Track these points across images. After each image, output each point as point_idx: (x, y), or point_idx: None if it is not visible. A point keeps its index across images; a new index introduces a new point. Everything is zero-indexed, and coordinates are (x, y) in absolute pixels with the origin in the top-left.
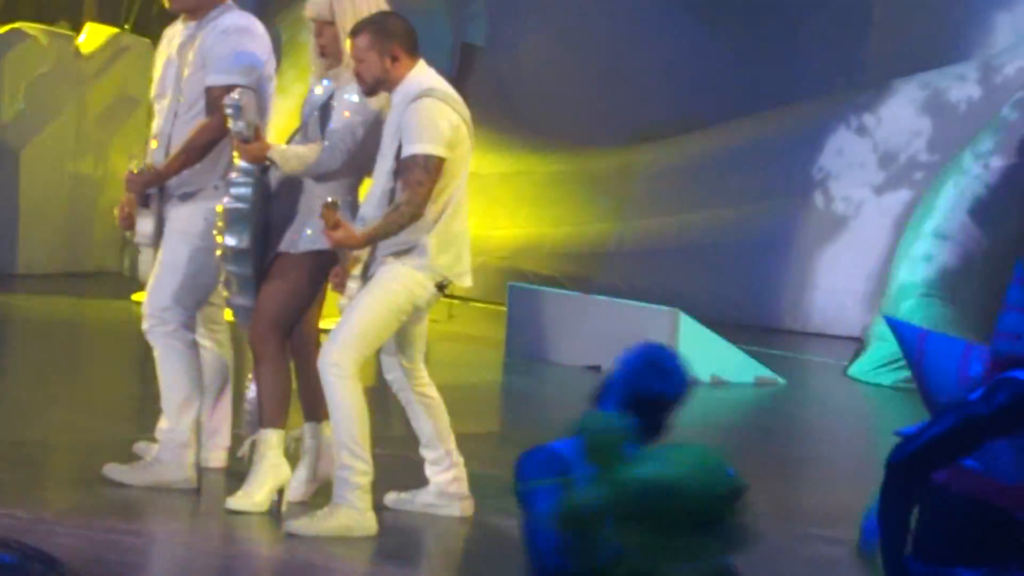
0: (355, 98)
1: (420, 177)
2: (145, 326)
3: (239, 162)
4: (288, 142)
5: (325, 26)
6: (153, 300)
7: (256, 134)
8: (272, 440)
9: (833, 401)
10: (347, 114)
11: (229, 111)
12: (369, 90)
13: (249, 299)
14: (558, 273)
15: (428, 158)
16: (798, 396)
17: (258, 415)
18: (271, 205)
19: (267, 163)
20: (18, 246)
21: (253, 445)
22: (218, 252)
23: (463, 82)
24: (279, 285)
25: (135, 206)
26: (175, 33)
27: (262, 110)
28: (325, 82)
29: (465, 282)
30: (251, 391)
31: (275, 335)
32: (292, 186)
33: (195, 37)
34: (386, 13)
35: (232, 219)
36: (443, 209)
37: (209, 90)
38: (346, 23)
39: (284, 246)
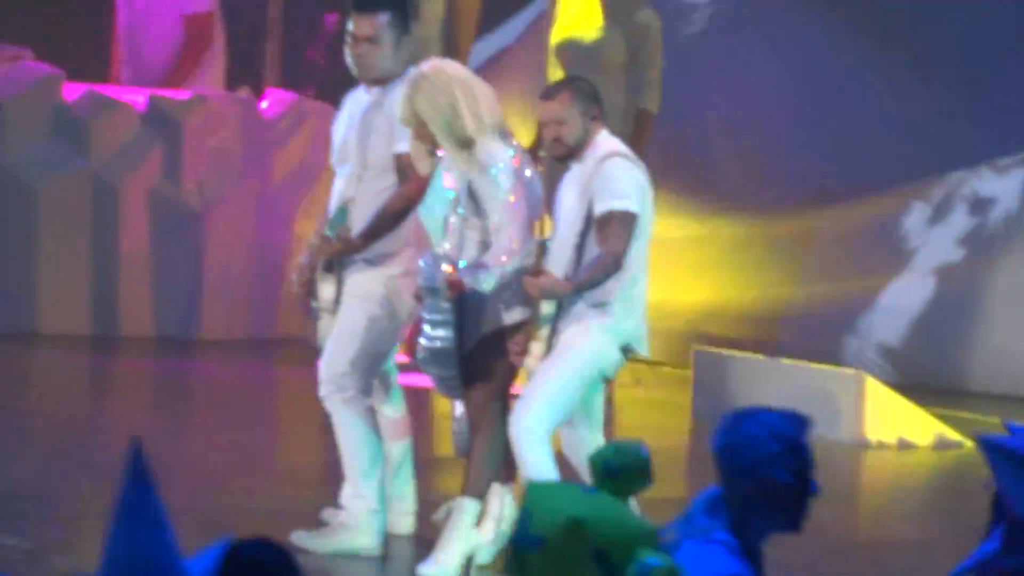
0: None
1: (618, 231)
2: (322, 392)
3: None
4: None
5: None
6: (330, 366)
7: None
8: (471, 509)
9: None
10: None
11: (425, 293)
12: (567, 154)
13: (451, 369)
14: (743, 336)
15: (625, 214)
16: (982, 459)
17: (463, 482)
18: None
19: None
20: (201, 312)
21: (449, 511)
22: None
23: (638, 147)
24: (490, 360)
25: (316, 271)
26: (358, 98)
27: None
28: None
29: (643, 350)
30: (458, 409)
31: (494, 407)
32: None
33: (381, 104)
34: (575, 77)
35: (438, 357)
36: (629, 274)
37: (399, 157)
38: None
39: (491, 326)
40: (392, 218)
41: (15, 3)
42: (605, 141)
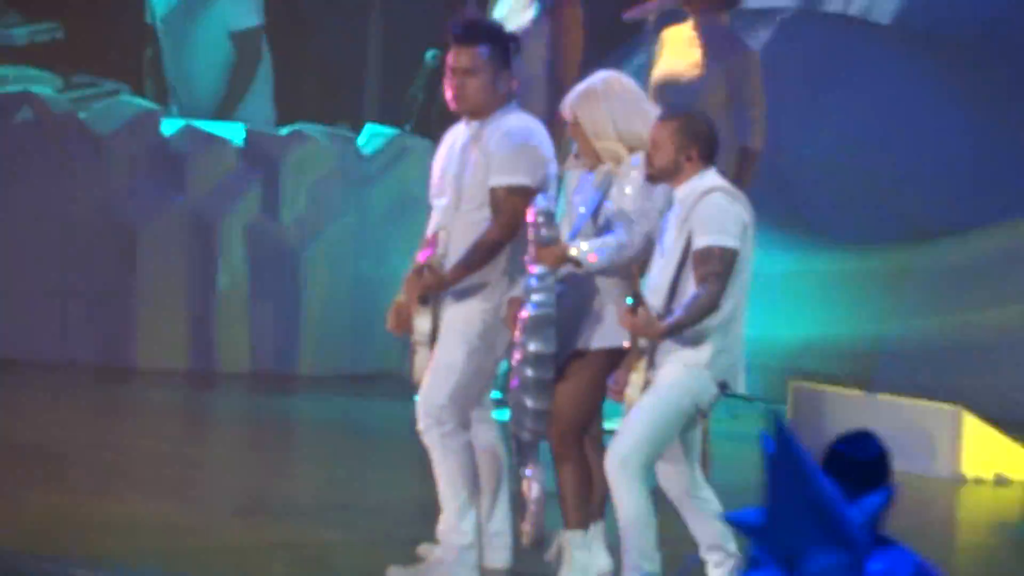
0: (643, 184)
1: (716, 268)
2: (421, 426)
3: (538, 268)
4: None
5: (573, 126)
6: (429, 400)
7: (556, 238)
8: (578, 541)
9: None
10: (639, 200)
11: (540, 217)
12: (653, 175)
13: (546, 402)
14: (839, 372)
15: (724, 250)
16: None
17: (563, 516)
18: (557, 306)
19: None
20: (299, 348)
21: (560, 548)
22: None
23: (741, 183)
24: (576, 385)
25: (413, 306)
26: (457, 134)
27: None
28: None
29: (739, 387)
30: (534, 491)
31: (576, 435)
32: (577, 283)
33: (479, 136)
34: (698, 114)
35: (537, 325)
36: (727, 309)
37: (494, 191)
38: (584, 121)
39: (580, 343)
40: (486, 251)
41: (114, 39)
42: (708, 177)
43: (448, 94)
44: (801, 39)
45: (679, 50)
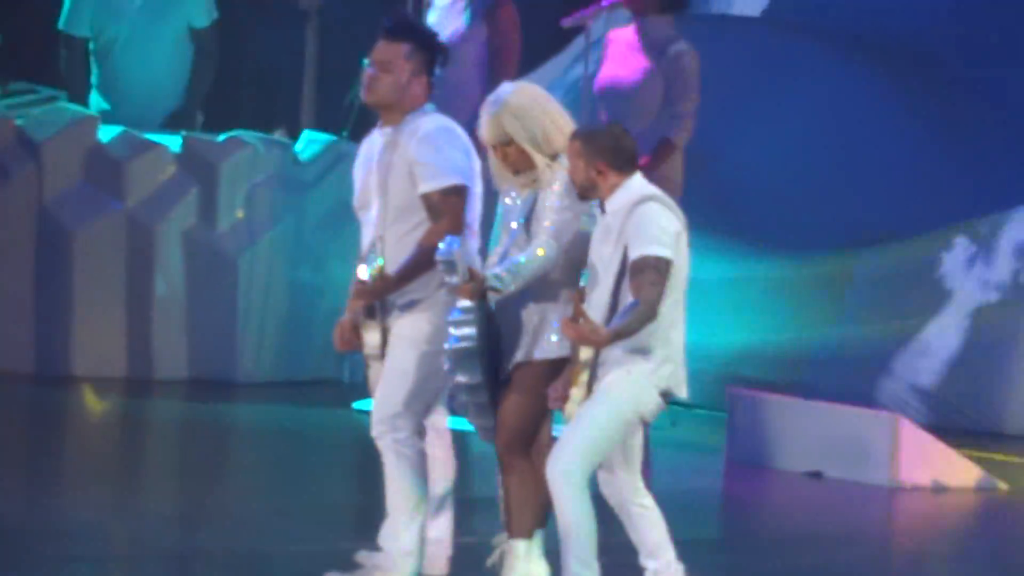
0: (563, 191)
1: (653, 277)
2: (375, 433)
3: (461, 302)
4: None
5: (504, 148)
6: (383, 408)
7: (471, 274)
8: (522, 550)
9: None
10: (560, 211)
11: (442, 266)
12: (580, 193)
13: (488, 421)
14: (778, 378)
15: (658, 259)
16: (1021, 502)
17: (508, 524)
18: (495, 320)
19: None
20: (238, 355)
21: (502, 554)
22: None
23: (652, 173)
24: (520, 396)
25: (360, 321)
26: (373, 143)
27: (471, 207)
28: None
29: (682, 393)
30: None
31: (521, 445)
32: (514, 299)
33: (395, 142)
34: (602, 126)
35: (462, 358)
36: (667, 318)
37: (427, 197)
38: (520, 137)
39: (523, 355)
40: (430, 254)
41: (52, 46)
42: (638, 186)
43: (362, 86)
44: (742, 45)
45: (621, 53)
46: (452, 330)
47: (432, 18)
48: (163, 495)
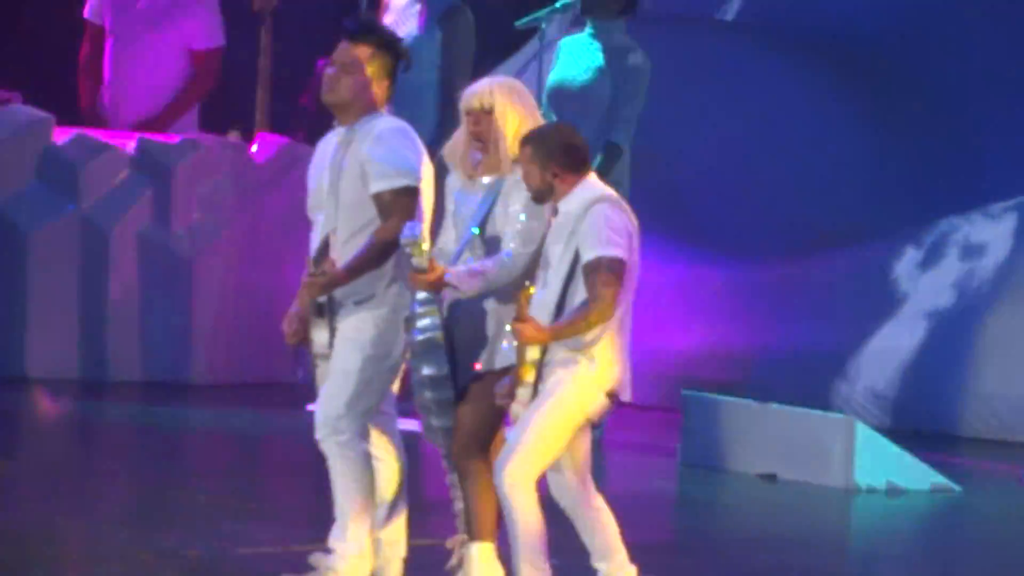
0: (527, 201)
1: (607, 279)
2: (318, 436)
3: (419, 294)
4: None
5: (483, 116)
6: (326, 409)
7: (431, 265)
8: (481, 554)
9: (1012, 510)
10: (526, 219)
11: (408, 249)
12: (534, 197)
13: (448, 421)
14: (732, 381)
15: (612, 260)
16: (975, 504)
17: (467, 528)
18: (451, 330)
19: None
20: (190, 357)
21: (461, 558)
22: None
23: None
24: (478, 403)
25: (307, 317)
26: (327, 145)
27: (420, 209)
28: (484, 180)
29: (625, 396)
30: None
31: (479, 450)
32: (472, 307)
33: (348, 142)
34: (551, 128)
35: (426, 349)
36: (616, 319)
37: (379, 196)
38: (505, 113)
39: (482, 366)
40: (379, 251)
41: (4, 47)
42: (592, 186)
43: (322, 85)
44: (693, 47)
45: (574, 57)
46: (416, 322)
47: (387, 19)
48: (116, 497)
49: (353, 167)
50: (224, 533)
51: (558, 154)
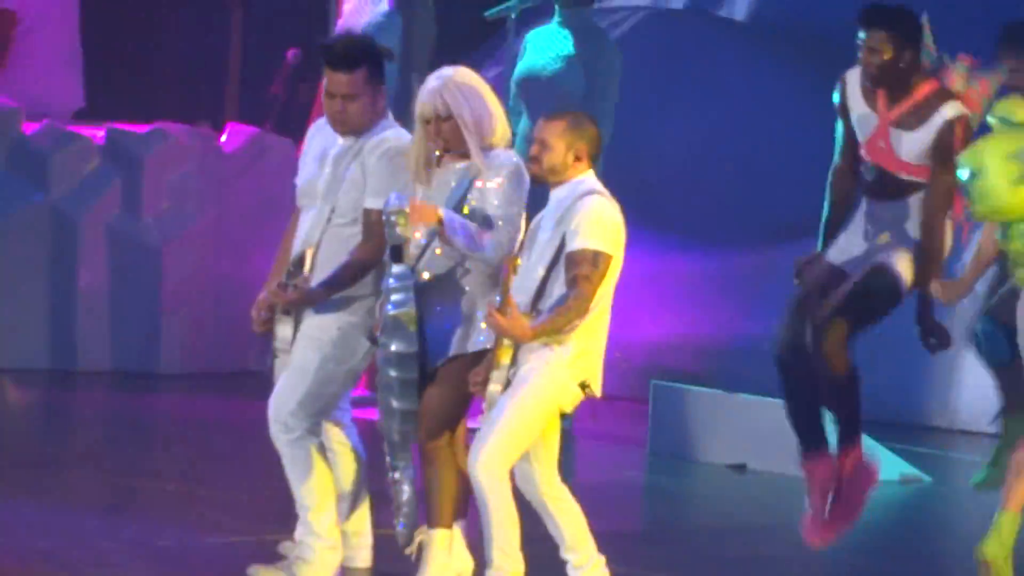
0: (508, 187)
1: (589, 272)
2: (271, 433)
3: (395, 268)
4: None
5: (443, 122)
6: (279, 405)
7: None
8: (442, 540)
9: (979, 500)
10: (504, 205)
11: (392, 217)
12: (540, 175)
13: (410, 403)
14: (701, 371)
15: (598, 254)
16: (944, 494)
17: (427, 515)
18: (423, 310)
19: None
20: (159, 346)
21: (421, 545)
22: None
23: None
24: (446, 386)
25: (275, 310)
26: (327, 137)
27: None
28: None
29: (596, 390)
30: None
31: (445, 435)
32: (445, 289)
33: (358, 152)
34: (586, 114)
35: (397, 325)
36: (594, 311)
37: (367, 212)
38: (463, 113)
39: (455, 349)
40: (355, 271)
41: None
42: (588, 180)
43: (329, 118)
44: (662, 36)
45: (543, 45)
46: (391, 296)
47: (347, 7)
48: (86, 487)
49: (357, 178)
50: (194, 522)
51: (588, 139)
